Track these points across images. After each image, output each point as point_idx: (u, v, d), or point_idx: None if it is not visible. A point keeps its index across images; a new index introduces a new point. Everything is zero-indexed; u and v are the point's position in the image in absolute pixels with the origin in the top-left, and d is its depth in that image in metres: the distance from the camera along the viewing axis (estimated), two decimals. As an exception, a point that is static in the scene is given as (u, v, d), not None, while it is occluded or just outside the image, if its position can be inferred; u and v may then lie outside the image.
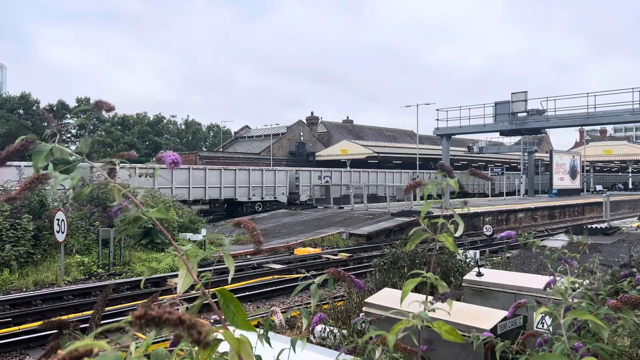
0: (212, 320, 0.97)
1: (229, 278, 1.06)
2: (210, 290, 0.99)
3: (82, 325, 1.32)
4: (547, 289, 1.79)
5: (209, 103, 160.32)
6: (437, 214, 1.31)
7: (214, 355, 0.92)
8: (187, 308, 1.06)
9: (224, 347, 0.89)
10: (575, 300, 1.62)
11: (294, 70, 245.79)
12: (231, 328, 0.92)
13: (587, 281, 2.29)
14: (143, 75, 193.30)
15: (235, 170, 29.09)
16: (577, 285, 1.73)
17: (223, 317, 0.95)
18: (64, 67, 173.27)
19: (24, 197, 1.04)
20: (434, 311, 1.25)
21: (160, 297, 1.29)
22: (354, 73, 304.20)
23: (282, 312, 1.47)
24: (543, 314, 1.49)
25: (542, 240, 14.67)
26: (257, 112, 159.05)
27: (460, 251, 8.68)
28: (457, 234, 1.24)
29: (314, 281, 1.24)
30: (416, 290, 1.49)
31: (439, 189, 1.25)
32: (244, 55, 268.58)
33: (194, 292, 1.00)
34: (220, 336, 0.87)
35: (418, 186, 1.21)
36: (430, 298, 1.30)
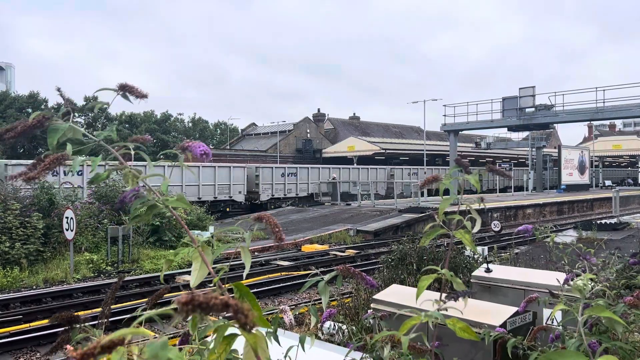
0: (220, 317, 0.95)
1: (244, 274, 1.04)
2: (225, 285, 0.97)
3: (90, 323, 1.32)
4: (566, 285, 1.77)
5: (204, 98, 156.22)
6: (451, 209, 1.29)
7: (228, 351, 0.91)
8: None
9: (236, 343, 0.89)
10: (591, 297, 1.60)
11: (289, 62, 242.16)
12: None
13: (602, 276, 2.26)
14: (132, 68, 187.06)
15: (182, 167, 26.49)
16: (595, 283, 1.71)
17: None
18: (46, 61, 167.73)
19: (43, 176, 0.97)
20: (446, 309, 1.24)
21: (173, 294, 1.28)
22: (353, 65, 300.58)
23: (291, 310, 1.46)
24: (560, 311, 1.47)
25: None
26: (256, 107, 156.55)
27: (469, 247, 8.63)
28: (475, 230, 1.21)
29: (322, 278, 1.22)
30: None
31: (455, 184, 1.22)
32: (235, 46, 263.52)
33: (206, 289, 0.98)
34: (236, 331, 0.86)
35: (435, 181, 1.19)
36: (443, 295, 1.29)
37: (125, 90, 0.96)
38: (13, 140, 0.90)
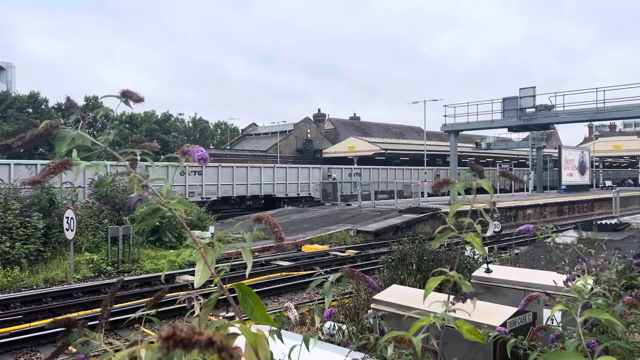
0: (221, 317, 0.95)
1: (247, 273, 1.06)
2: (228, 285, 0.98)
3: (90, 323, 1.33)
4: (566, 285, 1.77)
5: (204, 98, 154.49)
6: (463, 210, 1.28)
7: None
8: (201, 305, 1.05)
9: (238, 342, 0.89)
10: (590, 297, 1.60)
11: (289, 62, 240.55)
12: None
13: (604, 276, 2.26)
14: (132, 68, 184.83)
15: (273, 167, 31.14)
16: (597, 284, 1.72)
17: (241, 311, 0.94)
18: (46, 61, 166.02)
19: (48, 180, 1.03)
20: (454, 311, 1.24)
21: (174, 294, 1.29)
22: (353, 65, 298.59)
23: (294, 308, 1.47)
24: (561, 311, 1.47)
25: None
26: (256, 107, 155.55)
27: (469, 248, 8.65)
28: (487, 234, 1.21)
29: (327, 278, 1.23)
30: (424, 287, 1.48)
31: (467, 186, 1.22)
32: (235, 46, 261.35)
33: (207, 288, 1.00)
34: (236, 330, 0.86)
35: (446, 184, 1.19)
36: (451, 297, 1.29)
37: (126, 96, 1.03)
38: (22, 149, 0.95)
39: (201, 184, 26.86)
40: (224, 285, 0.97)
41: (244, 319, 0.94)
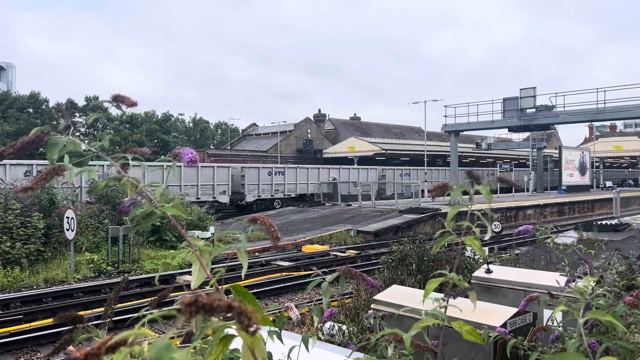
0: (221, 317, 0.95)
1: (242, 274, 1.06)
2: (224, 286, 0.98)
3: (91, 323, 1.33)
4: (567, 286, 1.77)
5: (204, 98, 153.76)
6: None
7: (226, 352, 0.92)
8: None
9: (235, 344, 0.89)
10: (593, 298, 1.60)
11: (289, 62, 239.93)
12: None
13: (609, 277, 2.26)
14: (132, 68, 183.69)
15: (339, 169, 34.97)
16: (600, 285, 1.72)
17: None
18: (46, 60, 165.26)
19: (39, 187, 1.05)
20: (446, 308, 1.24)
21: (173, 294, 1.29)
22: (353, 65, 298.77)
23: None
24: (561, 312, 1.47)
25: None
26: (256, 107, 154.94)
27: (469, 248, 8.64)
28: (486, 238, 1.22)
29: (324, 278, 1.23)
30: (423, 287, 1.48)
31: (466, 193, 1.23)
32: (235, 46, 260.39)
33: (207, 288, 1.00)
34: (233, 332, 0.86)
35: (445, 188, 1.19)
36: (442, 295, 1.29)
37: (118, 100, 1.05)
38: (13, 156, 0.96)
39: (283, 183, 30.61)
40: (220, 287, 0.97)
41: None
